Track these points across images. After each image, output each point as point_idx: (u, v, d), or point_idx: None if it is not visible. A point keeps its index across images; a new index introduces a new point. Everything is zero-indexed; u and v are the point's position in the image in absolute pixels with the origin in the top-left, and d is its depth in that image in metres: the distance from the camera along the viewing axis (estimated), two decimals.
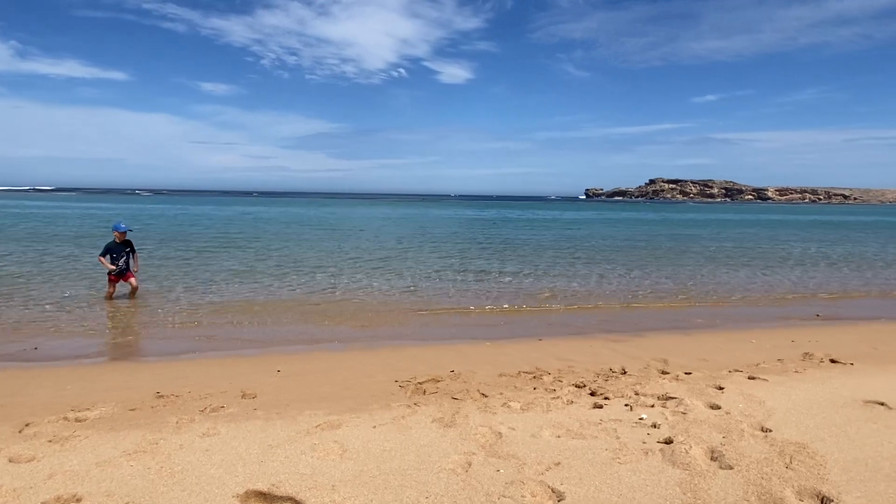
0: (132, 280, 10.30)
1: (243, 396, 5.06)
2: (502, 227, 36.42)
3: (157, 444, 3.83)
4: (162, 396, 5.05)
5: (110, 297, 10.05)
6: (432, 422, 4.25)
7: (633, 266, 16.55)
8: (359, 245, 21.84)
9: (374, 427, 4.14)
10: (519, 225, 40.21)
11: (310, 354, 6.98)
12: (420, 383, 5.45)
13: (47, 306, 9.44)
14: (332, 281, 12.83)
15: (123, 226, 10.34)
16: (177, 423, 4.29)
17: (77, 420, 4.40)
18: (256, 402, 4.92)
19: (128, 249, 10.38)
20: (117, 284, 10.22)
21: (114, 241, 10.26)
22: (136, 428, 4.18)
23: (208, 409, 4.65)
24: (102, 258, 10.18)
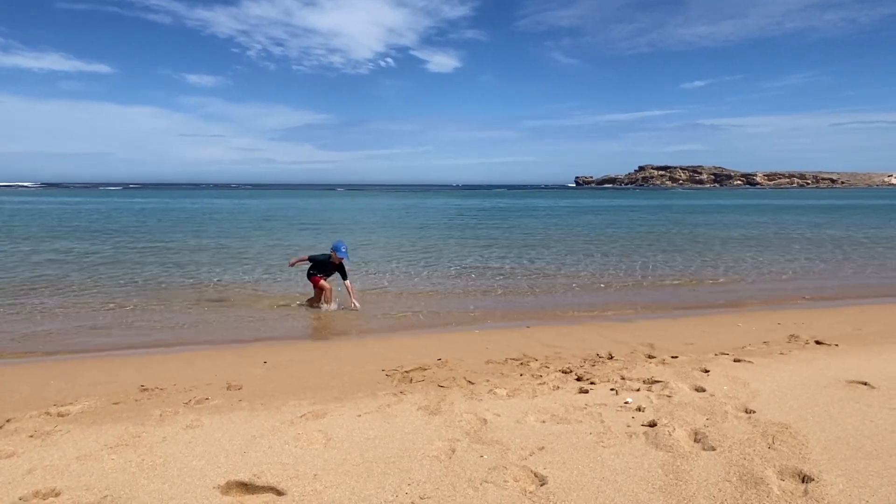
0: (347, 283, 9.06)
1: (228, 388, 5.03)
2: (518, 217, 36.11)
3: (139, 436, 3.80)
4: (146, 389, 5.01)
5: (330, 295, 8.98)
6: (417, 409, 4.24)
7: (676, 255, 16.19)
8: (382, 239, 21.62)
9: (359, 416, 4.12)
10: (531, 214, 39.80)
11: (297, 345, 6.95)
12: (407, 372, 5.44)
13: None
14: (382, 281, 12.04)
15: (344, 250, 8.95)
16: (160, 415, 4.26)
17: (59, 415, 4.36)
18: (242, 393, 4.89)
19: (336, 272, 9.12)
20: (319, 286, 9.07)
21: (327, 256, 9.04)
22: (118, 421, 4.15)
23: (193, 402, 4.62)
24: (314, 277, 9.06)
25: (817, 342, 6.29)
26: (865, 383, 4.57)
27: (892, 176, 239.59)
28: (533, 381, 4.99)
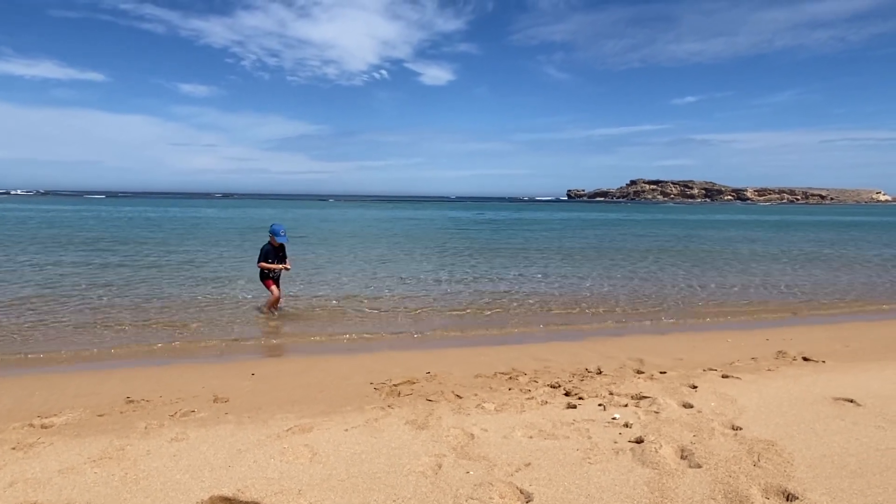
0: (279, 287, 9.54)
1: (215, 400, 5.00)
2: (528, 230, 35.84)
3: (123, 449, 3.76)
4: (132, 401, 4.98)
5: (276, 303, 9.37)
6: (405, 424, 4.22)
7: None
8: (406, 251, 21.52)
9: (346, 430, 4.10)
10: (536, 228, 39.42)
11: (286, 357, 6.94)
12: (395, 385, 5.42)
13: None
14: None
15: (282, 234, 9.36)
16: (145, 428, 4.22)
17: (43, 427, 4.32)
18: (228, 405, 4.86)
19: (282, 254, 9.57)
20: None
21: (269, 244, 9.39)
22: (102, 434, 4.11)
23: (178, 414, 4.59)
24: (264, 263, 9.30)
25: (805, 358, 6.32)
26: (851, 400, 4.59)
27: (880, 193, 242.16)
28: (521, 395, 4.99)
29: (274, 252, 9.38)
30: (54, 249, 18.82)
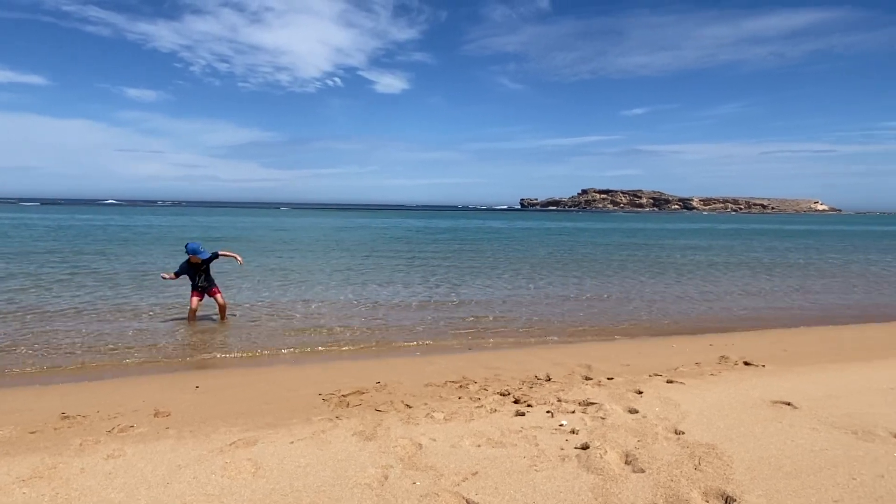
0: (218, 296, 9.42)
1: (156, 415, 4.83)
2: (496, 239, 35.51)
3: (55, 468, 3.59)
4: (67, 417, 4.77)
5: (193, 315, 9.27)
6: (353, 435, 4.16)
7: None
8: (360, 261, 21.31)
9: (292, 442, 4.02)
10: (504, 237, 38.83)
11: (232, 369, 6.75)
12: (344, 396, 5.35)
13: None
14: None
15: (202, 250, 9.31)
16: (80, 445, 4.04)
17: None
18: (170, 420, 4.70)
19: (204, 269, 9.44)
20: (201, 302, 9.38)
21: (187, 262, 9.34)
22: (34, 451, 3.92)
23: (116, 430, 4.41)
24: (166, 275, 9.46)
25: (746, 363, 6.52)
26: (789, 403, 4.75)
27: (818, 202, 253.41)
28: (471, 403, 4.98)
29: (190, 270, 9.34)
30: None
